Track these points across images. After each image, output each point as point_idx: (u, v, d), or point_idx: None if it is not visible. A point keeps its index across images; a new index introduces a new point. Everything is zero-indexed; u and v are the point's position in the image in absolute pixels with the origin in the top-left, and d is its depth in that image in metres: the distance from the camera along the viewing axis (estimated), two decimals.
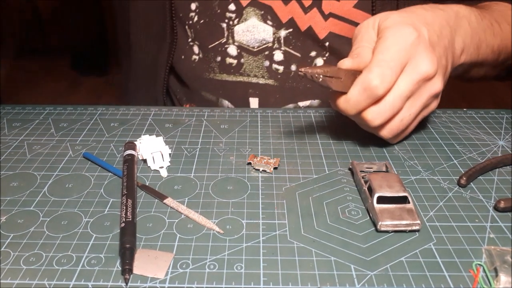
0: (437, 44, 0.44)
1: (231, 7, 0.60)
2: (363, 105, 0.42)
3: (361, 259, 0.33)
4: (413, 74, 0.42)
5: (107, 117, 0.55)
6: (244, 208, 0.38)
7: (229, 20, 0.61)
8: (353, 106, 0.42)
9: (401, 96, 0.42)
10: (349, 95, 0.42)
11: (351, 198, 0.40)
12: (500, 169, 0.44)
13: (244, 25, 0.60)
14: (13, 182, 0.42)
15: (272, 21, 0.60)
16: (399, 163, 0.45)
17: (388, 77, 0.41)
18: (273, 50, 0.61)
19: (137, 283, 0.31)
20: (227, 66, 0.63)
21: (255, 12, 0.60)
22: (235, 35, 0.61)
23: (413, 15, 0.45)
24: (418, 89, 0.43)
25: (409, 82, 0.42)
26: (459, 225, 0.36)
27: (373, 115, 0.42)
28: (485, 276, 0.31)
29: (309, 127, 0.52)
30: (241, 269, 0.32)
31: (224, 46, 0.62)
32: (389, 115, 0.43)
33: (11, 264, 0.33)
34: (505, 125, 0.52)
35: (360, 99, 0.41)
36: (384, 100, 0.42)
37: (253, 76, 0.62)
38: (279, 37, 0.60)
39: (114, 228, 0.36)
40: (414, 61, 0.42)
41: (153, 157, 0.44)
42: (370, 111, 0.42)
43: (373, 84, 0.40)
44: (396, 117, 0.43)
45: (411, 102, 0.43)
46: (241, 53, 0.62)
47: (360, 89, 0.41)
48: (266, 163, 0.44)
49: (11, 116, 0.55)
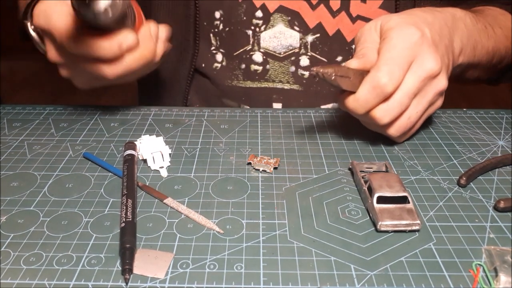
0: (439, 43, 0.45)
1: (258, 13, 0.60)
2: (372, 104, 0.42)
3: (361, 259, 0.33)
4: (419, 71, 0.42)
5: (107, 117, 0.55)
6: (244, 208, 0.38)
7: (256, 27, 0.60)
8: (362, 105, 0.43)
9: (408, 94, 0.42)
10: (358, 94, 0.42)
11: (351, 198, 0.40)
12: (500, 169, 0.44)
13: (271, 31, 0.60)
14: (13, 182, 0.42)
15: (299, 27, 0.60)
16: (399, 163, 0.45)
17: (396, 74, 0.41)
18: (299, 55, 0.61)
19: (137, 283, 0.31)
20: (251, 73, 0.63)
21: (282, 18, 0.60)
22: (261, 42, 0.61)
23: (414, 16, 0.46)
24: (424, 86, 0.43)
25: (416, 80, 0.42)
26: (459, 225, 0.36)
27: (382, 113, 0.43)
28: (485, 276, 0.31)
29: (309, 127, 0.52)
30: (241, 269, 0.32)
31: (249, 53, 0.62)
32: (397, 113, 0.43)
33: (11, 264, 0.33)
34: (505, 125, 0.52)
35: (370, 97, 0.42)
36: (392, 98, 0.42)
37: (278, 81, 0.62)
38: (306, 42, 0.60)
39: (114, 228, 0.36)
40: (419, 59, 0.42)
41: (153, 157, 0.44)
42: (379, 109, 0.43)
43: (382, 82, 0.41)
44: (403, 114, 0.44)
45: (418, 99, 0.44)
46: (267, 59, 0.62)
47: (369, 87, 0.42)
48: (266, 163, 0.44)
49: (11, 116, 0.55)
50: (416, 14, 0.46)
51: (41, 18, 0.49)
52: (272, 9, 0.60)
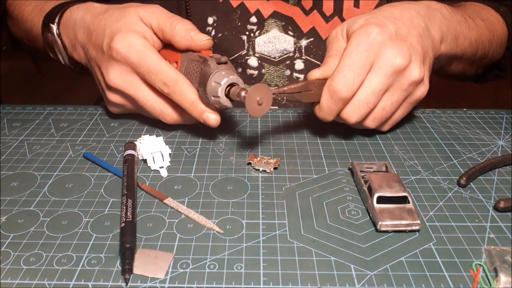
0: (408, 33, 0.45)
1: (252, 19, 0.60)
2: (336, 109, 0.45)
3: (361, 259, 0.33)
4: (384, 68, 0.43)
5: (107, 117, 0.55)
6: (244, 208, 0.38)
7: (250, 32, 0.61)
8: (327, 112, 0.45)
9: (374, 92, 0.44)
10: (321, 103, 0.45)
11: (351, 198, 0.40)
12: (500, 169, 0.44)
13: (266, 36, 0.61)
14: (13, 182, 0.42)
15: (293, 32, 0.61)
16: (399, 163, 0.45)
17: (350, 80, 0.43)
18: (294, 59, 0.62)
19: (137, 283, 0.31)
20: (247, 77, 0.63)
21: (276, 23, 0.60)
22: (256, 47, 0.62)
23: (378, 13, 0.46)
24: (394, 81, 0.44)
25: (381, 77, 0.43)
26: (459, 225, 0.36)
27: (348, 114, 0.45)
28: (485, 276, 0.31)
29: (309, 127, 0.52)
30: (241, 269, 0.32)
31: (244, 58, 0.62)
32: (364, 111, 0.45)
33: (11, 264, 0.33)
34: (505, 125, 0.52)
35: (330, 105, 0.44)
36: (355, 99, 0.44)
37: (274, 85, 0.63)
38: (300, 46, 0.61)
39: (114, 228, 0.36)
40: (382, 56, 0.43)
41: (153, 157, 0.44)
42: (344, 111, 0.45)
43: (337, 89, 0.43)
44: (377, 107, 0.45)
45: (390, 92, 0.45)
46: (262, 63, 0.62)
47: (328, 96, 0.44)
48: (266, 163, 0.44)
49: (12, 116, 0.55)
50: (383, 10, 0.47)
51: (119, 79, 0.47)
52: (266, 14, 0.60)
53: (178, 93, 0.45)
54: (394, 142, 0.49)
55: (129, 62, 0.46)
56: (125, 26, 0.47)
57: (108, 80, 0.47)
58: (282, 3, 0.60)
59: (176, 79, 0.45)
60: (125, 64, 0.46)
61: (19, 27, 0.64)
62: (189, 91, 0.45)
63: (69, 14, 0.53)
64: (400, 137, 0.50)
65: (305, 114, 0.55)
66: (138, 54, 0.45)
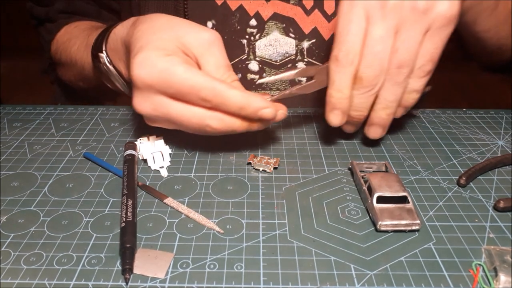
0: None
1: (252, 22, 0.59)
2: (348, 76, 0.41)
3: (361, 259, 0.33)
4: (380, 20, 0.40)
5: (107, 117, 0.55)
6: (244, 208, 0.38)
7: (250, 35, 0.60)
8: (339, 85, 0.42)
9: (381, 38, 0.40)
10: (330, 78, 0.42)
11: (351, 198, 0.40)
12: (499, 169, 0.44)
13: (266, 39, 0.60)
14: (14, 182, 0.42)
15: (294, 33, 0.60)
16: (399, 163, 0.45)
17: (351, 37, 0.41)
18: (296, 62, 0.61)
19: (137, 282, 0.31)
20: (248, 82, 0.62)
21: (277, 25, 0.59)
22: (256, 50, 0.61)
23: None
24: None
25: (382, 25, 0.40)
26: (458, 225, 0.36)
27: (364, 70, 0.41)
28: (484, 276, 0.31)
29: (309, 127, 0.52)
30: (241, 269, 0.32)
31: (245, 62, 0.61)
32: (378, 65, 0.41)
33: (12, 264, 0.33)
34: (505, 125, 0.52)
35: (340, 75, 0.41)
36: (366, 51, 0.41)
37: (276, 89, 0.62)
38: (302, 48, 0.60)
39: (115, 227, 0.36)
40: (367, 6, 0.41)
41: (154, 157, 0.44)
42: (360, 68, 0.41)
43: (337, 54, 0.41)
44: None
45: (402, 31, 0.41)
46: (263, 67, 0.61)
47: (333, 66, 0.42)
48: (266, 163, 0.44)
49: (12, 116, 0.55)
50: None
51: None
52: (266, 16, 0.59)
53: (222, 104, 0.40)
54: (394, 142, 0.49)
55: (154, 90, 0.40)
56: (151, 44, 0.41)
57: (134, 108, 0.42)
58: (282, 4, 0.59)
59: (212, 88, 0.39)
60: (150, 90, 0.40)
61: (71, 71, 0.62)
62: (232, 97, 0.40)
63: (114, 36, 0.49)
64: (400, 137, 0.50)
65: (305, 114, 0.55)
66: (161, 75, 0.39)
